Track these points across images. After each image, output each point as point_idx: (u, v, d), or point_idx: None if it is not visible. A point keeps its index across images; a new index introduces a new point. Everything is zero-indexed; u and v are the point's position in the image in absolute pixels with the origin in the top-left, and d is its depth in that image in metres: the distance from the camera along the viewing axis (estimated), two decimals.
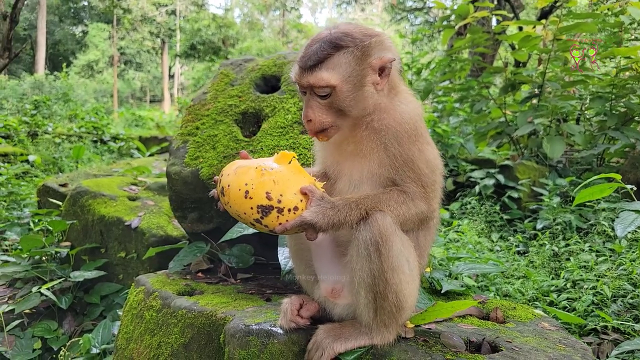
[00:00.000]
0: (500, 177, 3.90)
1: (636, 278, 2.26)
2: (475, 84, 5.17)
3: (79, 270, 2.82)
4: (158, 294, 1.76)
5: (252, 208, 1.11)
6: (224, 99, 2.35)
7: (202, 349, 1.53)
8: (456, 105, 5.83)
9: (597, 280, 2.33)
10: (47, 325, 2.60)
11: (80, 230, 3.09)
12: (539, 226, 3.30)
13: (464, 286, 1.94)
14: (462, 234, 3.12)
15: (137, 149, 8.25)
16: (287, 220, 1.10)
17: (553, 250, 2.89)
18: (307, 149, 2.05)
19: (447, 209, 3.84)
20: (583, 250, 2.78)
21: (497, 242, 3.26)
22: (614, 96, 4.15)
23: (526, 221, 3.54)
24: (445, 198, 1.41)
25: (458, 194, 4.15)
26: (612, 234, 2.91)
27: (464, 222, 3.41)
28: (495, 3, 7.31)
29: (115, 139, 9.06)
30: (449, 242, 2.95)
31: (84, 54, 29.76)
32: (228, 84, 2.42)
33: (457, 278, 2.01)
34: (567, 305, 2.24)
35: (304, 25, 32.33)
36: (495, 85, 6.59)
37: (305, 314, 1.32)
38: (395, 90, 1.25)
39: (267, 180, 1.12)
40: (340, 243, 1.29)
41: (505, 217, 3.65)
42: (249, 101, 2.30)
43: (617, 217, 1.70)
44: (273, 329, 1.32)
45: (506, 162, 4.10)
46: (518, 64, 6.20)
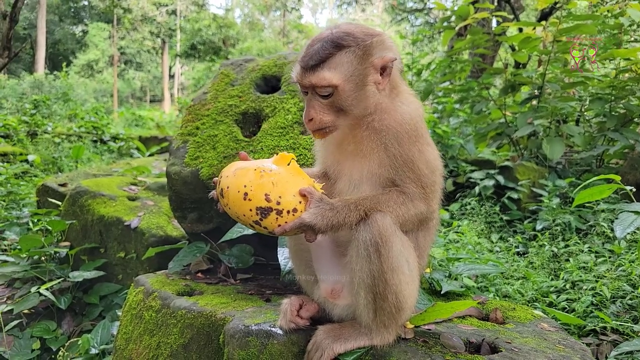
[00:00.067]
0: (500, 178, 3.90)
1: (635, 279, 2.26)
2: (476, 85, 5.17)
3: (78, 270, 2.82)
4: (157, 294, 1.76)
5: (251, 210, 1.11)
6: (224, 99, 2.35)
7: (202, 350, 1.53)
8: (456, 106, 5.83)
9: (597, 281, 2.33)
10: (46, 326, 2.59)
11: (80, 230, 3.09)
12: (539, 227, 3.30)
13: (463, 287, 1.94)
14: (462, 234, 3.12)
15: (137, 149, 8.25)
16: (286, 222, 1.10)
17: (552, 251, 2.89)
18: (308, 149, 2.05)
19: (447, 210, 3.84)
20: (582, 251, 2.78)
21: (496, 242, 3.26)
22: (613, 97, 4.15)
23: (526, 222, 3.54)
24: (445, 199, 1.41)
25: (458, 194, 4.15)
26: (611, 235, 2.91)
27: (463, 222, 3.41)
28: (496, 4, 7.32)
29: (115, 138, 9.06)
30: (449, 242, 2.95)
31: (84, 54, 29.75)
32: (228, 84, 2.42)
33: (456, 279, 2.01)
34: (567, 306, 2.24)
35: (304, 25, 32.35)
36: (495, 87, 6.59)
37: (304, 315, 1.32)
38: (396, 90, 1.25)
39: (266, 182, 1.12)
40: (340, 243, 1.29)
41: (505, 217, 3.65)
42: (249, 101, 2.30)
43: (616, 218, 1.70)
44: (272, 329, 1.32)
45: (506, 163, 4.10)
46: (518, 65, 6.21)
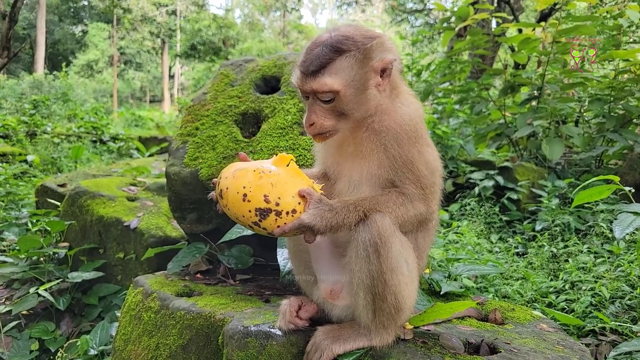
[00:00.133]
0: (500, 179, 3.90)
1: (634, 279, 2.26)
2: (475, 86, 5.18)
3: (77, 271, 2.81)
4: (156, 295, 1.76)
5: (250, 211, 1.11)
6: (223, 100, 2.35)
7: (201, 351, 1.53)
8: (456, 106, 5.83)
9: (596, 282, 2.33)
10: (44, 327, 2.59)
11: (79, 231, 3.08)
12: (538, 227, 3.30)
13: (463, 287, 1.94)
14: (462, 235, 3.12)
15: (137, 149, 8.24)
16: (285, 223, 1.10)
17: (552, 251, 2.89)
18: (307, 150, 2.05)
19: (447, 210, 3.84)
20: (581, 251, 2.78)
21: (496, 243, 3.26)
22: (612, 98, 4.16)
23: (525, 222, 3.54)
24: (445, 199, 1.41)
25: (457, 195, 4.15)
26: (610, 235, 2.91)
27: (463, 223, 3.41)
28: (495, 5, 7.33)
29: (114, 139, 9.05)
30: (449, 243, 2.95)
31: (83, 54, 29.74)
32: (228, 85, 2.42)
33: (456, 279, 2.01)
34: (566, 307, 2.24)
35: (304, 26, 32.35)
36: (495, 87, 6.60)
37: (304, 315, 1.32)
38: (396, 91, 1.25)
39: (265, 183, 1.12)
40: (340, 244, 1.29)
41: (505, 218, 3.65)
42: (249, 102, 2.30)
43: (615, 219, 1.70)
44: (272, 330, 1.32)
45: (505, 163, 4.10)
46: (517, 66, 6.21)
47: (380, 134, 1.20)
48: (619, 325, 1.97)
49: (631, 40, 5.68)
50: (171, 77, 33.00)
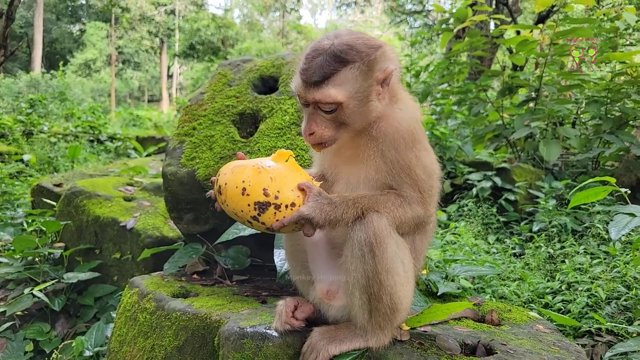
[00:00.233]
0: (497, 180, 3.91)
1: (630, 280, 2.27)
2: (473, 87, 5.18)
3: (72, 271, 2.79)
4: (152, 296, 1.75)
5: (249, 205, 1.10)
6: (221, 100, 2.34)
7: (196, 352, 1.52)
8: (454, 107, 5.84)
9: (592, 283, 2.34)
10: (39, 328, 2.57)
11: (75, 231, 3.06)
12: (535, 228, 3.31)
13: (460, 288, 1.94)
14: (459, 236, 3.12)
15: (134, 149, 8.22)
16: (284, 217, 1.10)
17: (548, 252, 2.90)
18: (305, 150, 2.05)
19: (445, 211, 3.85)
20: (578, 252, 2.79)
21: (493, 244, 3.27)
22: (609, 100, 4.17)
23: (522, 223, 3.55)
24: (443, 200, 1.42)
25: (455, 196, 4.16)
26: (606, 236, 2.92)
27: (460, 224, 3.41)
28: (494, 7, 7.35)
29: (112, 138, 9.02)
30: (446, 244, 2.95)
31: (81, 53, 29.63)
32: (226, 85, 2.41)
33: (453, 280, 2.01)
34: (562, 307, 2.25)
35: (303, 26, 32.34)
36: (493, 89, 6.61)
37: (300, 316, 1.32)
38: (395, 97, 1.24)
39: (264, 177, 1.12)
40: (336, 245, 1.29)
41: (502, 219, 3.66)
42: (247, 102, 2.30)
43: (611, 220, 1.70)
44: (268, 331, 1.31)
45: (503, 164, 4.11)
46: (515, 67, 6.23)
47: (378, 140, 1.20)
48: (614, 326, 1.97)
49: (628, 42, 5.71)
50: (169, 76, 32.92)
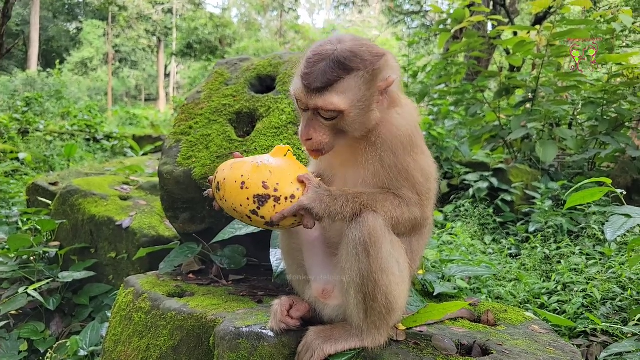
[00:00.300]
0: (494, 180, 3.92)
1: (625, 281, 2.28)
2: (471, 88, 5.19)
3: (67, 270, 2.78)
4: (147, 296, 1.74)
5: (248, 199, 1.10)
6: (218, 99, 2.33)
7: (192, 352, 1.51)
8: (451, 108, 5.85)
9: (587, 283, 2.34)
10: (34, 327, 2.55)
11: (70, 230, 3.05)
12: (531, 229, 3.32)
13: (456, 289, 1.94)
14: (456, 236, 3.12)
15: (131, 148, 8.18)
16: (284, 209, 1.10)
17: (544, 253, 2.91)
18: (301, 149, 2.05)
19: (441, 211, 3.85)
20: (574, 253, 2.80)
21: (489, 244, 3.28)
22: (605, 102, 4.19)
23: (519, 224, 3.56)
24: (440, 200, 1.42)
25: (452, 196, 4.16)
26: (602, 237, 2.93)
27: (457, 224, 3.42)
28: (491, 8, 7.37)
29: (108, 137, 8.98)
30: (442, 244, 2.95)
31: (78, 51, 29.47)
32: (222, 84, 2.41)
33: (449, 280, 2.02)
34: (558, 308, 2.26)
35: (301, 26, 32.30)
36: (490, 89, 6.63)
37: (295, 315, 1.32)
38: (394, 102, 1.24)
39: (263, 171, 1.12)
40: (332, 244, 1.29)
41: (498, 220, 3.67)
42: (244, 101, 2.29)
43: (607, 221, 1.71)
44: (263, 331, 1.31)
45: (500, 165, 4.12)
46: (512, 68, 6.25)
47: (376, 145, 1.20)
48: (609, 326, 1.98)
49: (624, 44, 5.74)
50: (167, 75, 32.82)
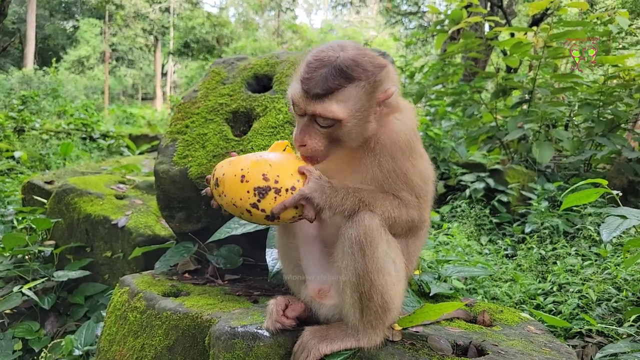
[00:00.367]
0: (490, 181, 3.93)
1: (620, 282, 2.29)
2: (468, 89, 5.21)
3: (63, 269, 2.76)
4: (143, 295, 1.73)
5: (248, 192, 1.09)
6: (214, 98, 2.32)
7: (187, 352, 1.51)
8: (448, 109, 5.87)
9: (583, 284, 2.35)
10: (28, 326, 2.54)
11: (65, 229, 3.03)
12: (527, 230, 3.33)
13: (452, 289, 1.94)
14: (452, 236, 3.13)
15: (127, 147, 8.15)
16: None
17: (540, 253, 2.92)
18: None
19: (438, 212, 3.86)
20: (569, 254, 2.81)
21: (486, 245, 3.28)
22: (601, 103, 4.21)
23: (515, 225, 3.57)
24: (436, 201, 1.42)
25: (449, 197, 4.17)
26: (597, 238, 2.94)
27: (453, 225, 3.42)
28: (488, 9, 7.39)
29: (105, 136, 8.94)
30: (439, 244, 2.96)
31: (74, 50, 29.31)
32: (219, 83, 2.40)
33: (446, 281, 2.02)
34: (553, 309, 2.26)
35: (299, 26, 32.28)
36: (487, 90, 6.65)
37: (291, 314, 1.31)
38: (393, 109, 1.22)
39: (263, 164, 1.12)
40: (328, 243, 1.29)
41: (495, 220, 3.68)
42: (240, 100, 2.28)
43: (602, 222, 1.72)
44: (259, 331, 1.30)
45: (496, 166, 4.13)
46: (509, 69, 6.27)
47: (375, 151, 1.19)
48: (605, 327, 1.99)
49: (620, 46, 5.77)
50: (164, 74, 32.70)
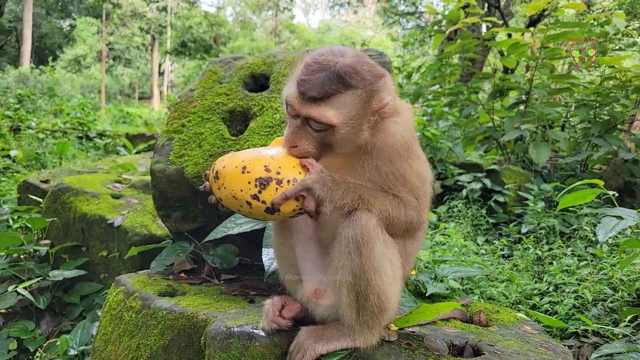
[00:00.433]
0: (487, 182, 3.94)
1: (616, 282, 2.29)
2: (465, 89, 5.22)
3: (58, 269, 2.75)
4: (138, 295, 1.72)
5: (249, 182, 1.09)
6: (211, 97, 2.31)
7: (182, 352, 1.50)
8: (445, 109, 5.88)
9: (579, 284, 2.36)
10: (23, 326, 2.52)
11: (61, 228, 3.01)
12: (524, 230, 3.34)
13: (449, 289, 1.94)
14: (449, 237, 3.13)
15: (124, 146, 8.12)
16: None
17: (537, 254, 2.92)
18: None
19: (435, 212, 3.87)
20: (565, 254, 2.82)
21: (482, 245, 3.29)
22: (598, 104, 4.23)
23: (511, 225, 3.58)
24: (433, 201, 1.42)
25: (445, 197, 4.18)
26: (593, 238, 2.95)
27: (450, 225, 3.43)
28: (486, 10, 7.41)
29: (101, 135, 8.90)
30: (435, 245, 2.96)
31: (71, 49, 29.17)
32: (216, 82, 2.39)
33: (442, 281, 2.02)
34: (549, 309, 2.27)
35: (296, 26, 32.27)
36: (484, 91, 6.67)
37: (287, 315, 1.31)
38: (390, 109, 1.20)
39: (264, 157, 1.12)
40: (325, 243, 1.28)
41: (491, 220, 3.68)
42: (237, 99, 2.27)
43: (598, 223, 1.72)
44: (255, 331, 1.30)
45: (493, 166, 4.14)
46: (506, 70, 6.29)
47: (372, 154, 1.19)
48: (600, 327, 2.00)
49: (617, 47, 5.80)
50: (161, 74, 32.59)
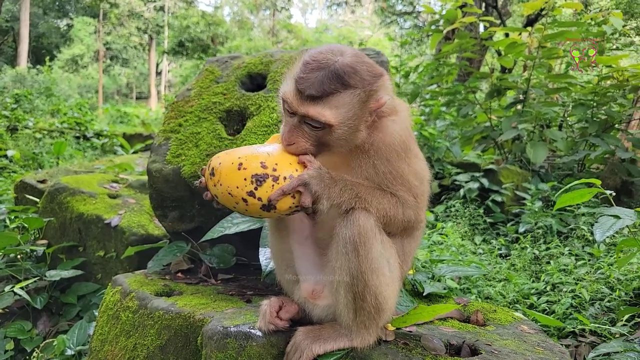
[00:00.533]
0: (485, 181, 3.94)
1: (613, 282, 2.30)
2: (462, 89, 5.23)
3: (55, 269, 2.73)
4: (135, 295, 1.72)
5: (245, 179, 1.08)
6: (208, 96, 2.31)
7: (179, 351, 1.49)
8: (443, 109, 5.88)
9: (576, 284, 2.37)
10: (20, 326, 2.51)
11: (58, 228, 3.00)
12: (521, 230, 3.34)
13: (446, 288, 1.94)
14: (446, 236, 3.13)
15: (121, 146, 8.09)
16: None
17: (534, 253, 2.93)
18: None
19: (432, 212, 3.87)
20: (563, 253, 2.82)
21: (480, 245, 3.29)
22: (595, 104, 4.24)
23: (509, 225, 3.58)
24: (431, 201, 1.42)
25: (443, 196, 4.18)
26: (591, 238, 2.96)
27: (448, 224, 3.43)
28: (483, 9, 7.42)
29: (98, 135, 8.87)
30: (433, 244, 2.96)
31: (68, 48, 29.07)
32: (213, 81, 2.38)
33: (439, 280, 2.02)
34: (547, 308, 2.27)
35: (294, 25, 32.25)
36: (482, 90, 6.68)
37: (284, 316, 1.30)
38: (386, 113, 1.21)
39: (261, 153, 1.11)
40: (322, 244, 1.28)
41: (489, 220, 3.69)
42: (234, 99, 2.27)
43: (596, 222, 1.72)
44: (252, 331, 1.29)
45: (490, 166, 4.15)
46: (504, 69, 6.31)
47: (369, 153, 1.18)
48: (598, 327, 2.00)
49: (614, 47, 5.82)
50: (158, 73, 32.51)
